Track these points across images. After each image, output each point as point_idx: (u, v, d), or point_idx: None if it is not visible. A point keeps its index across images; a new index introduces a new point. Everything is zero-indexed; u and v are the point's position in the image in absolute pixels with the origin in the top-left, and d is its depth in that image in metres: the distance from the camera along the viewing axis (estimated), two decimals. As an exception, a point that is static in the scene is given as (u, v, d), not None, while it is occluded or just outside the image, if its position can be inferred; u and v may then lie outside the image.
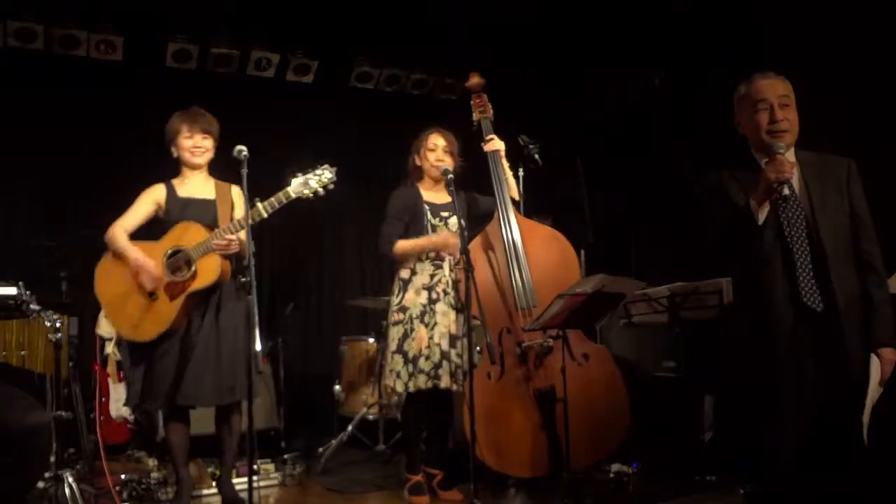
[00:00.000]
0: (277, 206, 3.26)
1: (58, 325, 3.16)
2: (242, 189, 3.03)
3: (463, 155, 3.86)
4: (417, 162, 3.83)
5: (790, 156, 2.50)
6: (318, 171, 3.29)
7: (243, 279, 2.97)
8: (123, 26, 5.02)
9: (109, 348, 4.70)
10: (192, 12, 5.03)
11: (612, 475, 3.87)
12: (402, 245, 3.69)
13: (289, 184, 3.28)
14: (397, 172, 3.97)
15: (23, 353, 3.48)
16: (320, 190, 3.28)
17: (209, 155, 3.42)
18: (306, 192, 3.27)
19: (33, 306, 3.10)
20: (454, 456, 4.00)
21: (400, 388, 3.62)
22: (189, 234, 3.28)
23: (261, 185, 3.56)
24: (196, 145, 3.43)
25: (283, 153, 5.20)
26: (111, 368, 4.70)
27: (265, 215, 3.25)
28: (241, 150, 3.22)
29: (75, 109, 5.07)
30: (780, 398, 2.37)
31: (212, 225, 3.36)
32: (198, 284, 3.22)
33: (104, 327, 4.67)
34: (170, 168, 3.51)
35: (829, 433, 2.35)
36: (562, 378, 3.47)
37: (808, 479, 2.36)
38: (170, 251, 3.29)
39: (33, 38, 4.85)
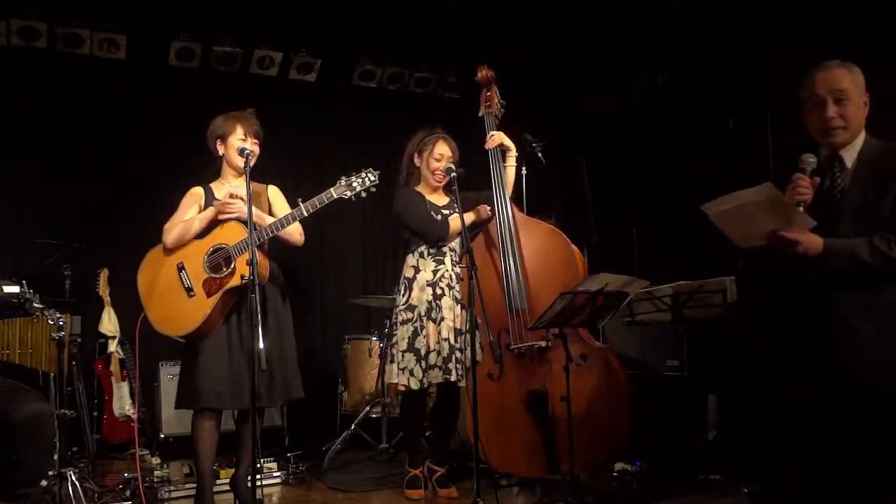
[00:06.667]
0: (319, 206, 3.25)
1: (61, 323, 3.17)
2: (245, 185, 3.04)
3: (465, 153, 3.86)
4: (417, 162, 3.82)
5: (852, 150, 2.39)
6: (363, 174, 3.29)
7: (245, 278, 2.99)
8: (127, 25, 5.02)
9: (112, 347, 4.71)
10: (195, 11, 5.04)
11: (615, 474, 3.87)
12: (449, 226, 3.71)
13: (332, 184, 3.29)
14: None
15: (26, 351, 3.48)
16: (362, 193, 3.29)
17: (254, 160, 3.35)
18: (348, 193, 3.27)
19: (36, 305, 3.10)
20: (455, 454, 4.02)
21: (415, 385, 3.61)
22: (231, 233, 3.27)
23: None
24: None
25: (286, 151, 5.21)
26: (114, 367, 4.71)
27: (305, 214, 3.25)
28: (245, 148, 3.27)
29: (78, 108, 5.07)
30: (787, 400, 2.35)
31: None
32: (235, 282, 3.19)
33: (107, 325, 4.69)
34: (174, 164, 3.50)
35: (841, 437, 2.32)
36: (555, 380, 3.50)
37: (812, 478, 2.36)
38: (211, 249, 3.28)
39: (37, 37, 4.85)
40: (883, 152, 2.37)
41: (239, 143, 3.37)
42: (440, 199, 3.84)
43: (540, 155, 4.06)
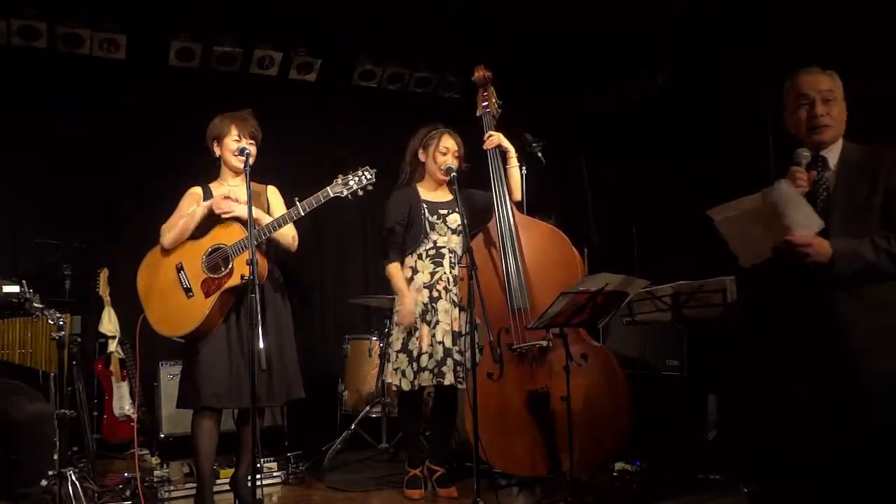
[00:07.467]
0: (315, 204, 3.26)
1: (61, 323, 3.17)
2: (243, 186, 3.05)
3: (466, 153, 3.86)
4: (422, 158, 3.81)
5: (834, 151, 2.44)
6: (359, 172, 3.30)
7: (244, 278, 3.00)
8: (127, 25, 5.02)
9: (112, 346, 4.71)
10: (195, 11, 5.04)
11: (615, 474, 3.87)
12: (391, 273, 3.76)
13: (329, 183, 3.29)
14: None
15: (26, 351, 3.48)
16: (359, 191, 3.29)
17: (252, 161, 3.33)
18: (345, 191, 3.28)
19: (36, 305, 3.10)
20: (455, 454, 4.02)
21: (406, 386, 3.62)
22: (229, 233, 3.28)
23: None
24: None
25: (285, 151, 5.22)
26: (114, 367, 4.71)
27: (302, 213, 3.25)
28: (244, 148, 3.28)
29: (78, 108, 5.07)
30: (787, 400, 2.35)
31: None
32: (234, 281, 3.20)
33: (106, 325, 4.69)
34: (175, 163, 3.49)
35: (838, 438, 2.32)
36: (555, 380, 3.51)
37: (812, 478, 2.35)
38: (209, 249, 3.28)
39: (37, 37, 4.85)
40: (865, 153, 2.43)
41: (234, 143, 3.36)
42: (442, 196, 3.83)
43: (540, 155, 4.06)
